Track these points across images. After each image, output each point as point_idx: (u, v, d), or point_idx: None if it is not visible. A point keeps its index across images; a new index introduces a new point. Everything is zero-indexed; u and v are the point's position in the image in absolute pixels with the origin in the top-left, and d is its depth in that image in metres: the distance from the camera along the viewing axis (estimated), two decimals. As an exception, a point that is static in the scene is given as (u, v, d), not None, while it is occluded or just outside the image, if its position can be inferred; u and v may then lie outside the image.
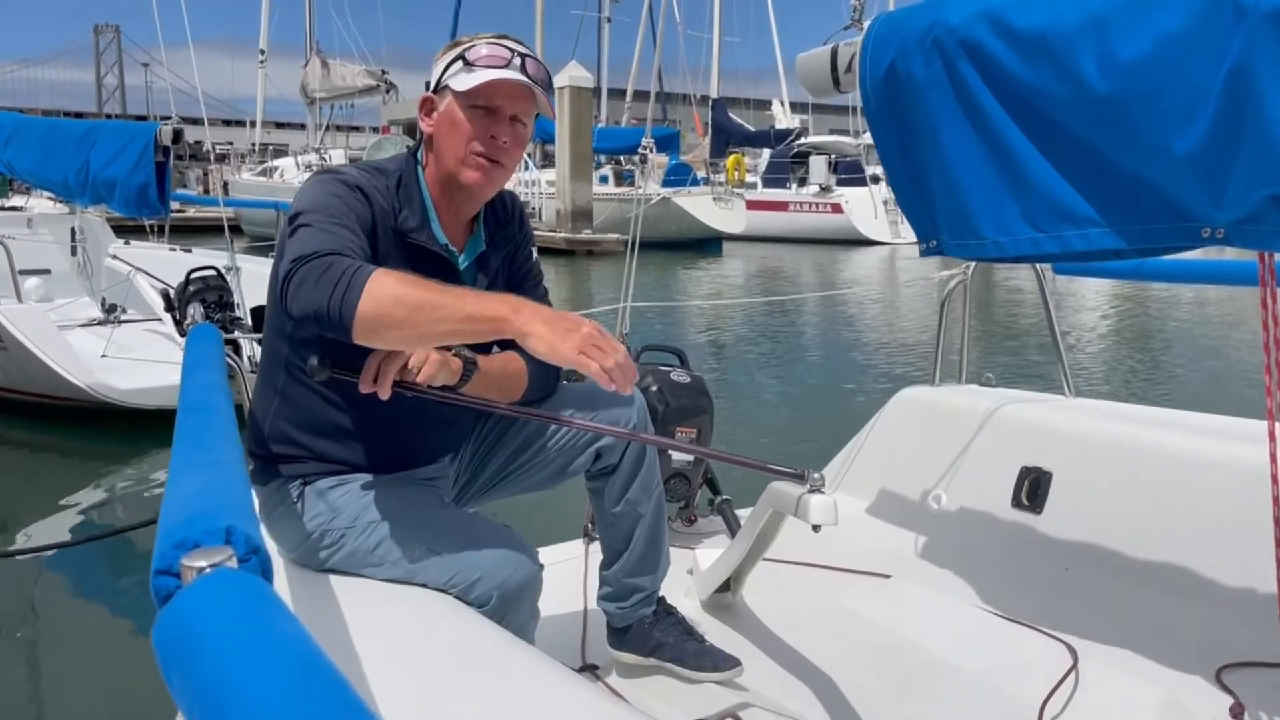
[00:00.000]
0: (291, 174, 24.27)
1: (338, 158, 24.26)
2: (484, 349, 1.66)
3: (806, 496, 1.47)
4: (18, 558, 3.86)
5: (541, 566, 1.49)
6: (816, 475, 1.49)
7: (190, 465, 0.89)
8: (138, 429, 5.25)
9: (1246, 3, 1.35)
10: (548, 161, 24.63)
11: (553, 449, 1.73)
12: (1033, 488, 2.28)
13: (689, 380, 2.49)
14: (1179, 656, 1.84)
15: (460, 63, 1.54)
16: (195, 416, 1.11)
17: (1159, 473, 2.08)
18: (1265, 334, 1.64)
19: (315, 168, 22.69)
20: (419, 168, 1.61)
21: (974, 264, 2.61)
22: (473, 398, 1.55)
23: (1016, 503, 1.85)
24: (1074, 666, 1.87)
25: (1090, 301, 11.98)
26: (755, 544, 1.95)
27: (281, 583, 1.49)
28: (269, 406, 1.60)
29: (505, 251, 1.71)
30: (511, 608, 1.43)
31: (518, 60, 1.53)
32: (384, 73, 21.80)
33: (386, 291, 1.25)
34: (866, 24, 1.98)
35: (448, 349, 1.51)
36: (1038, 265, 2.49)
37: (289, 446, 1.58)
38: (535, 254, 1.81)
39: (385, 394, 1.42)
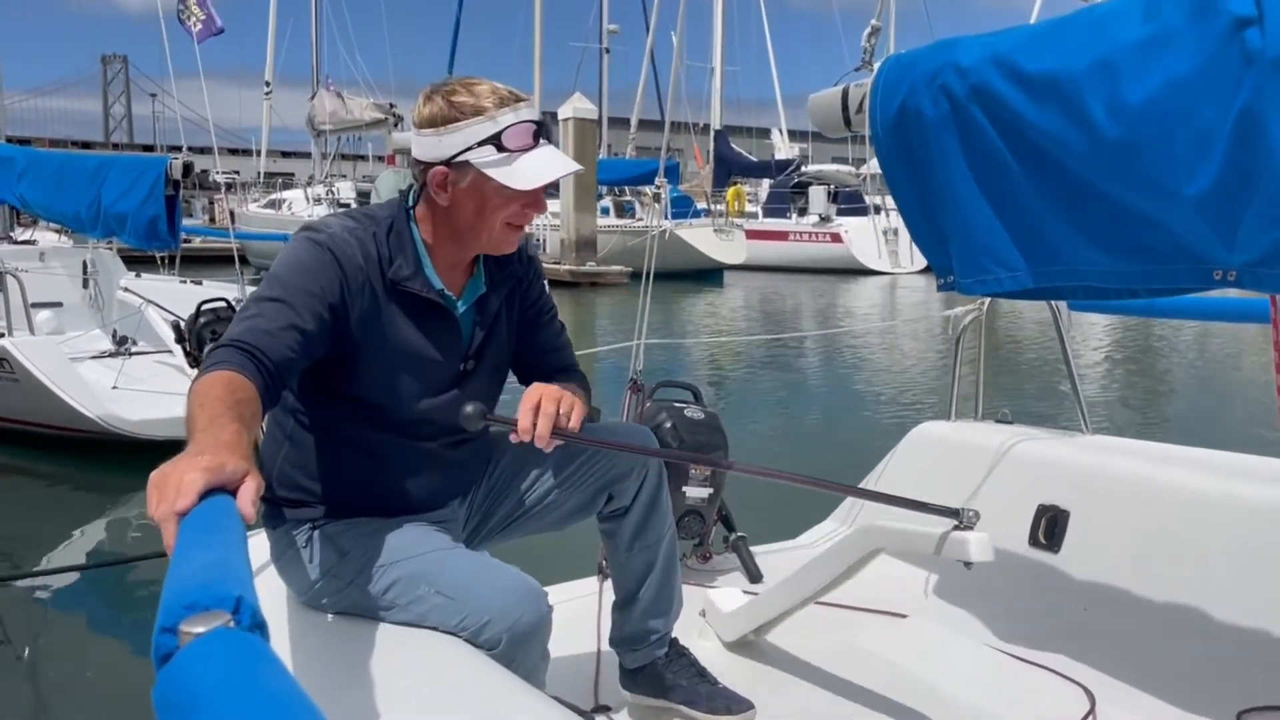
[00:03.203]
0: (300, 207, 24.29)
1: (345, 189, 24.40)
2: (542, 376, 1.65)
3: (963, 534, 1.52)
4: (23, 583, 3.85)
5: (551, 608, 1.47)
6: (971, 512, 1.53)
7: (204, 528, 0.90)
8: (148, 461, 5.23)
9: (1255, 47, 1.37)
10: (549, 193, 24.75)
11: (564, 491, 1.72)
12: (1050, 526, 2.27)
13: (703, 417, 2.49)
14: (1198, 700, 1.82)
15: (492, 148, 1.47)
16: None
17: (1178, 512, 2.07)
18: (1279, 375, 1.65)
19: (324, 200, 22.85)
20: (410, 219, 1.57)
21: (989, 299, 2.62)
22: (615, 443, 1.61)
23: (1034, 541, 1.84)
24: (1091, 710, 1.85)
25: (1103, 334, 11.96)
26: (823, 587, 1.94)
27: (292, 627, 1.49)
28: (278, 450, 1.60)
29: (508, 290, 1.70)
30: (521, 650, 1.41)
31: (544, 134, 1.52)
32: (392, 106, 21.97)
33: (194, 389, 1.24)
34: (877, 65, 2.01)
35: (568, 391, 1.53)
36: (1053, 301, 2.50)
37: (298, 492, 1.58)
38: (547, 288, 1.80)
39: (545, 444, 1.45)
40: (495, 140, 1.47)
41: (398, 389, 1.55)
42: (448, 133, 1.48)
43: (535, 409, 1.46)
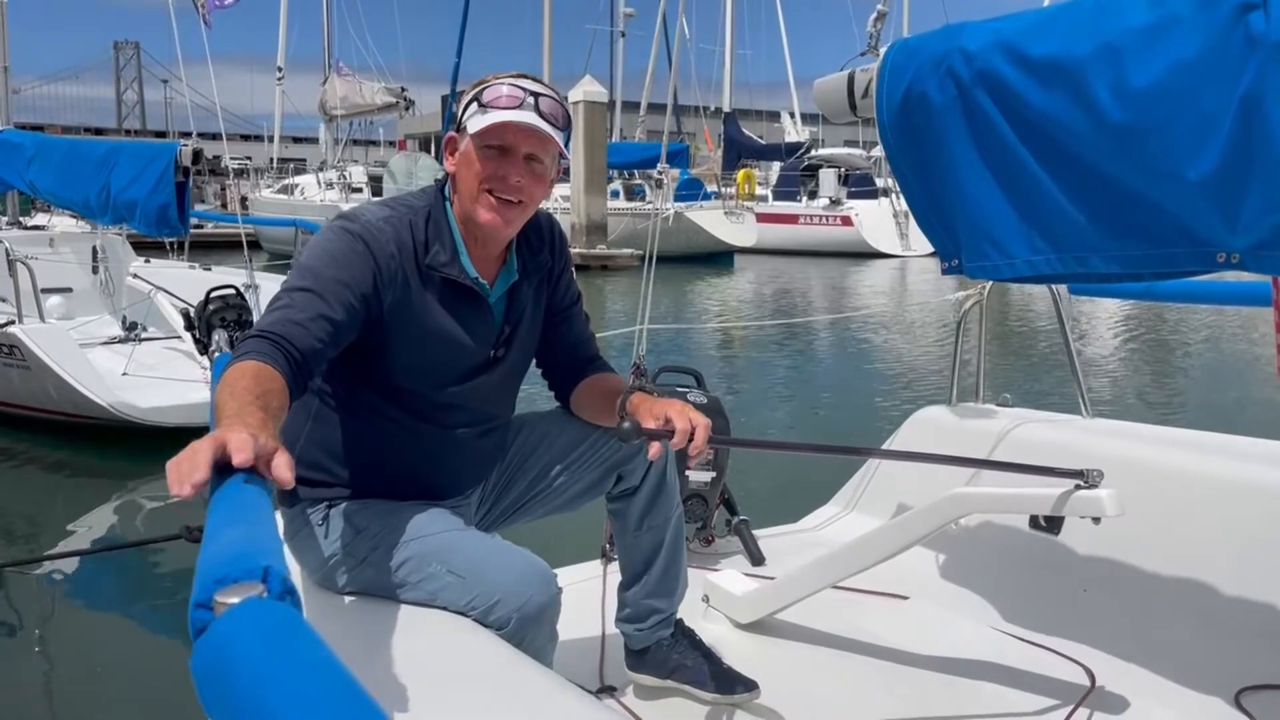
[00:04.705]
0: (312, 191, 24.34)
1: (357, 174, 24.39)
2: (571, 369, 1.77)
3: (1093, 493, 1.62)
4: (35, 568, 3.91)
5: (560, 589, 1.49)
6: (1095, 472, 1.64)
7: (234, 505, 0.92)
8: (158, 447, 5.29)
9: (1258, 31, 1.37)
10: (560, 176, 24.68)
11: (575, 472, 1.75)
12: None
13: (705, 401, 2.50)
14: (1198, 679, 1.84)
15: (476, 104, 1.54)
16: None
17: (1177, 494, 2.08)
18: (1281, 357, 1.66)
19: (336, 185, 22.85)
20: (446, 202, 1.61)
21: (990, 283, 2.62)
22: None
23: (1034, 524, 1.86)
24: (1092, 689, 1.87)
25: (1105, 319, 11.92)
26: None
27: (304, 605, 1.51)
28: (300, 430, 1.61)
29: (539, 278, 1.72)
30: (530, 630, 1.43)
31: (531, 100, 1.52)
32: (403, 90, 21.89)
33: (224, 378, 1.26)
34: (883, 50, 2.01)
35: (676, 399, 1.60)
36: (1054, 285, 2.50)
37: (319, 471, 1.60)
38: (574, 276, 1.82)
39: (699, 452, 1.53)
40: (478, 97, 1.55)
41: (428, 373, 1.57)
42: (460, 105, 1.60)
43: (685, 418, 1.52)
